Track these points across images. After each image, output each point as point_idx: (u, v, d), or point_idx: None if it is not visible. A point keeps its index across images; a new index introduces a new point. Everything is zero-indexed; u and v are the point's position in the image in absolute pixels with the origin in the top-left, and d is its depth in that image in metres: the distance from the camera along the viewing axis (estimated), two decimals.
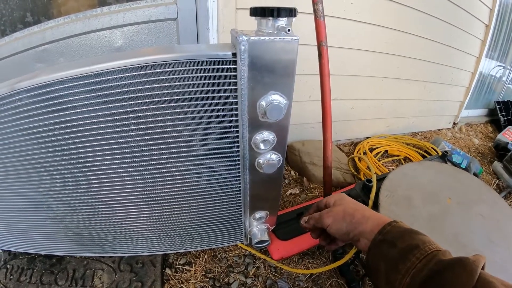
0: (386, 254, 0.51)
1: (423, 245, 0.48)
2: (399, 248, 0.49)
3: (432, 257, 0.46)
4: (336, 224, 0.61)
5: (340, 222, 0.61)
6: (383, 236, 0.53)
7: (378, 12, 1.61)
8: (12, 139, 0.65)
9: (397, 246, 0.50)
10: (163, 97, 0.57)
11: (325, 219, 0.63)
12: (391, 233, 0.53)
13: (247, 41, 0.51)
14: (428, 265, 0.45)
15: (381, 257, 0.51)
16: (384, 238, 0.52)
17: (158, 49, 0.56)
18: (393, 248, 0.50)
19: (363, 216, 0.59)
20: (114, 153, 0.66)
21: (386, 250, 0.51)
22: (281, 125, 0.63)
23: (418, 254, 0.47)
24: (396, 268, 0.48)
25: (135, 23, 1.20)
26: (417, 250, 0.47)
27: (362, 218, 0.58)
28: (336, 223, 0.61)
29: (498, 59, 3.00)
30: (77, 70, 0.54)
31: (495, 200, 1.00)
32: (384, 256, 0.51)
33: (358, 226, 0.58)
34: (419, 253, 0.47)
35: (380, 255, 0.52)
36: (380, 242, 0.53)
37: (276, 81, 0.57)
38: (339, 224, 0.61)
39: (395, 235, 0.52)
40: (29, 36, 1.20)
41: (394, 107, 2.14)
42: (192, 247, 0.97)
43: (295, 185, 1.52)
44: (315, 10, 0.85)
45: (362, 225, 0.57)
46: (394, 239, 0.51)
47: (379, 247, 0.53)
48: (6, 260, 1.01)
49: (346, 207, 0.63)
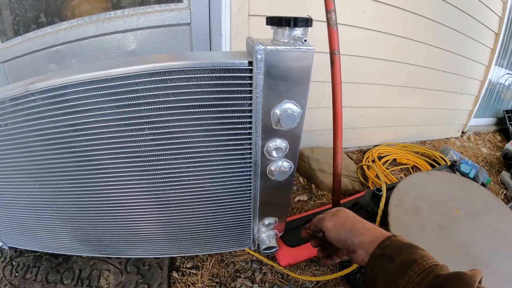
0: (385, 268, 0.51)
1: (421, 259, 0.48)
2: (397, 263, 0.49)
3: (429, 272, 0.46)
4: (336, 228, 0.61)
5: (340, 228, 0.61)
6: (381, 251, 0.53)
7: (388, 20, 1.60)
8: (24, 139, 0.65)
9: (395, 260, 0.50)
10: (178, 103, 0.58)
11: (326, 222, 0.64)
12: (389, 247, 0.53)
13: (264, 50, 0.51)
14: (426, 279, 0.45)
15: (380, 271, 0.51)
16: (383, 253, 0.52)
17: (174, 56, 0.56)
18: (392, 262, 0.50)
19: (363, 227, 0.59)
20: (126, 156, 0.66)
21: (385, 264, 0.51)
22: (294, 133, 0.63)
23: (416, 268, 0.47)
24: (394, 282, 0.48)
25: (148, 27, 1.20)
26: (415, 265, 0.47)
27: (362, 228, 0.59)
28: (336, 228, 0.62)
29: (507, 67, 2.96)
30: (92, 74, 0.55)
31: (502, 211, 1.00)
32: (383, 271, 0.51)
33: (358, 236, 0.58)
34: (417, 268, 0.47)
35: (378, 269, 0.52)
36: (379, 256, 0.53)
37: (290, 90, 0.57)
38: (339, 229, 0.61)
39: (394, 249, 0.52)
40: (42, 37, 1.21)
41: (403, 115, 2.13)
42: (200, 251, 0.98)
43: (303, 191, 1.52)
44: (328, 18, 0.85)
45: (362, 235, 0.57)
46: (393, 254, 0.51)
47: (377, 261, 0.53)
48: (12, 257, 1.01)
49: (349, 215, 0.64)
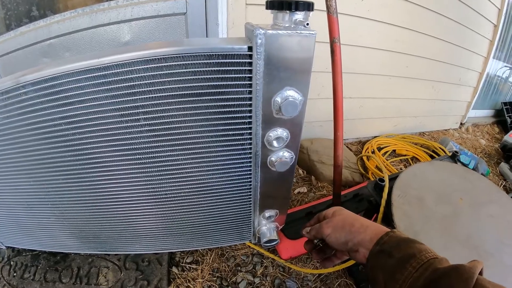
0: (384, 264, 0.51)
1: (419, 253, 0.48)
2: (396, 258, 0.49)
3: (428, 266, 0.46)
4: (335, 233, 0.61)
5: (339, 231, 0.60)
6: (380, 247, 0.53)
7: (388, 10, 1.59)
8: (17, 134, 0.63)
9: (394, 256, 0.50)
10: (174, 91, 0.56)
11: (324, 229, 0.63)
12: (388, 243, 0.53)
13: (264, 34, 0.49)
14: (424, 273, 0.45)
15: (379, 267, 0.51)
16: (382, 249, 0.52)
17: (170, 42, 0.54)
18: (390, 258, 0.50)
19: (361, 225, 0.59)
20: (122, 149, 0.64)
21: (384, 260, 0.51)
22: (295, 122, 0.62)
23: (415, 263, 0.47)
24: (394, 278, 0.48)
25: (143, 17, 1.18)
26: (413, 259, 0.47)
27: (361, 227, 0.58)
28: (335, 232, 0.61)
29: (505, 59, 2.99)
30: (85, 63, 0.53)
31: (504, 201, 1.00)
32: (382, 267, 0.51)
33: (357, 235, 0.57)
34: (415, 262, 0.47)
35: (378, 265, 0.52)
36: (378, 252, 0.53)
37: (291, 76, 0.55)
38: (338, 233, 0.60)
39: (392, 245, 0.52)
40: (34, 31, 1.19)
41: (402, 106, 2.13)
42: (200, 246, 0.96)
43: (303, 183, 1.51)
44: (328, 6, 0.83)
45: (361, 234, 0.57)
46: (391, 249, 0.51)
47: (377, 258, 0.53)
48: (9, 256, 1.00)
49: (345, 217, 0.63)
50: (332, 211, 0.67)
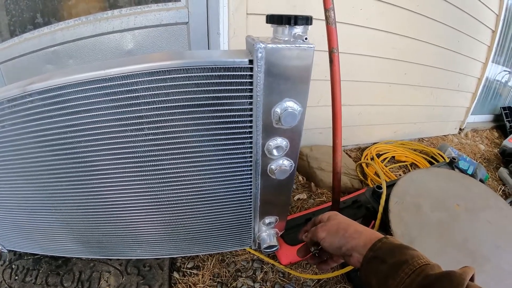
0: (377, 270, 0.51)
1: (411, 260, 0.48)
2: (388, 264, 0.50)
3: (420, 272, 0.46)
4: (330, 237, 0.62)
5: (333, 236, 0.61)
6: (374, 253, 0.53)
7: (386, 18, 1.60)
8: (22, 140, 0.65)
9: (387, 262, 0.50)
10: (177, 102, 0.57)
11: (319, 233, 0.64)
12: (381, 249, 0.53)
13: (264, 48, 0.51)
14: (416, 279, 0.45)
15: (373, 273, 0.52)
16: (375, 255, 0.53)
17: (174, 55, 0.56)
18: (383, 264, 0.51)
19: (356, 231, 0.59)
20: (125, 157, 0.66)
21: (377, 266, 0.52)
22: (295, 132, 0.63)
23: (407, 269, 0.47)
24: (387, 283, 0.48)
25: (146, 26, 1.20)
26: (405, 265, 0.48)
27: (355, 232, 0.59)
28: (330, 236, 0.62)
29: (504, 64, 2.98)
30: (92, 74, 0.55)
31: (501, 207, 1.01)
32: (375, 272, 0.51)
33: (351, 241, 0.58)
34: (408, 268, 0.47)
35: (371, 271, 0.53)
36: (371, 258, 0.53)
37: (291, 88, 0.57)
38: (332, 238, 0.61)
39: (385, 251, 0.52)
40: (38, 37, 1.20)
41: (401, 113, 2.14)
42: (200, 251, 0.97)
43: (302, 190, 1.52)
44: (327, 16, 0.85)
45: (355, 239, 0.58)
46: (384, 255, 0.52)
47: (370, 264, 0.53)
48: (11, 260, 1.00)
49: (340, 222, 0.64)
50: (328, 215, 0.68)
